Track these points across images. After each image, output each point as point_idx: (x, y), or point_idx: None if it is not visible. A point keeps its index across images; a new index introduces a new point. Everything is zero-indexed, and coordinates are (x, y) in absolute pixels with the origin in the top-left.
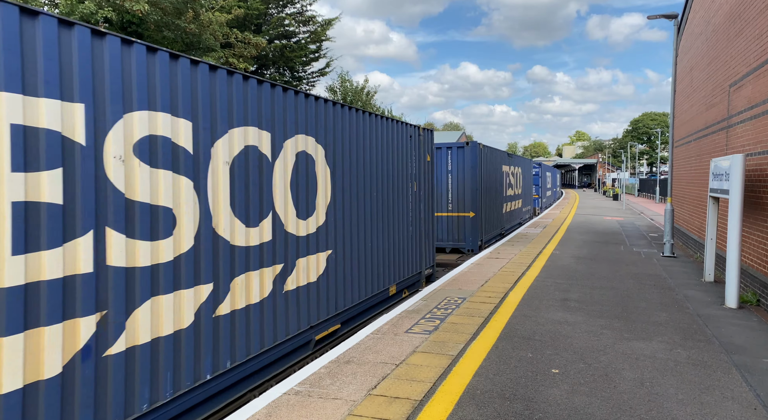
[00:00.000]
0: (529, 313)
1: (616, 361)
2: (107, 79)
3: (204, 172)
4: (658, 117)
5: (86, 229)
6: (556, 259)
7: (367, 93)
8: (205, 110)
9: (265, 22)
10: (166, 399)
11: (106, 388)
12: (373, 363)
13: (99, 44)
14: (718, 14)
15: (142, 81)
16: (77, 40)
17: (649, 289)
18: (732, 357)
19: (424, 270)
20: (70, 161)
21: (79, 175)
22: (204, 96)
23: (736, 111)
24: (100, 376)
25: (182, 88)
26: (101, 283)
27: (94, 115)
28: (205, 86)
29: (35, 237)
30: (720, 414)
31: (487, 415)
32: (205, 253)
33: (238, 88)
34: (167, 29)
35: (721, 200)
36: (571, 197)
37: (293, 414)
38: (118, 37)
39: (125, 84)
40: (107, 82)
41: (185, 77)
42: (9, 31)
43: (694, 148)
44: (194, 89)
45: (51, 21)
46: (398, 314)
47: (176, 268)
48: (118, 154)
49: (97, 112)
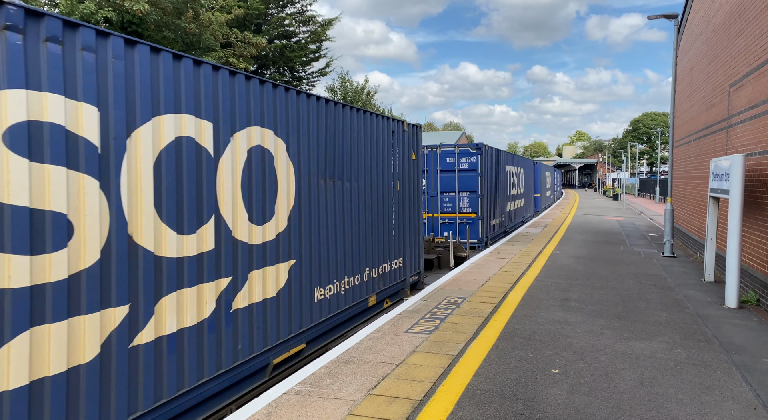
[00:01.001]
0: (529, 313)
1: (616, 361)
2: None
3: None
4: (658, 117)
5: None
6: (556, 259)
7: (367, 93)
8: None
9: (265, 22)
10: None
11: None
12: (373, 363)
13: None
14: (719, 14)
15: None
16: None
17: (649, 289)
18: (732, 357)
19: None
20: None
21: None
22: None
23: (736, 111)
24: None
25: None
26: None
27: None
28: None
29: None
30: (720, 414)
31: (487, 415)
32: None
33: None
34: (167, 29)
35: (721, 200)
36: (571, 197)
37: (293, 414)
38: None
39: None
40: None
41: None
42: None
43: (694, 148)
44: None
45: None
46: (398, 314)
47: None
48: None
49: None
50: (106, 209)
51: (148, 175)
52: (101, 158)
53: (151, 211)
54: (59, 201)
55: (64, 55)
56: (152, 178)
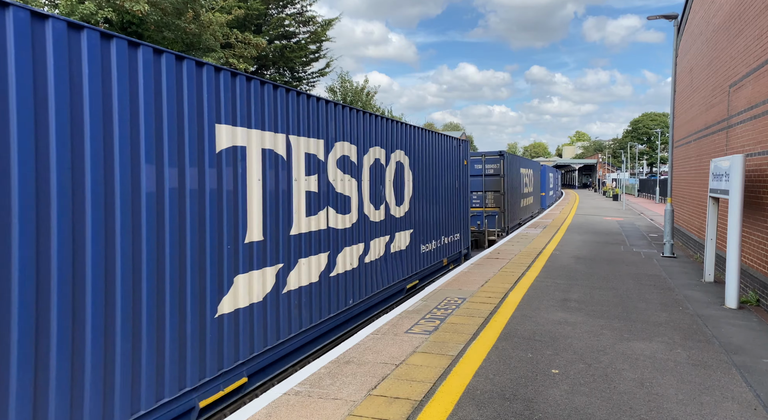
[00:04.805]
0: (529, 314)
1: (616, 362)
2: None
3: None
4: (658, 117)
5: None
6: (556, 259)
7: (367, 93)
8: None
9: (265, 22)
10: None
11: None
12: (373, 363)
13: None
14: (718, 15)
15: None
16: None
17: (649, 289)
18: (732, 357)
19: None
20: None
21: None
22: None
23: (736, 111)
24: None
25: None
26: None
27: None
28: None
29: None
30: (720, 414)
31: (487, 415)
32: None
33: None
34: (167, 30)
35: (721, 200)
36: (571, 197)
37: (293, 414)
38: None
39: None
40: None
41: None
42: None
43: (694, 148)
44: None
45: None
46: (398, 314)
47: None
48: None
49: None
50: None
51: (367, 176)
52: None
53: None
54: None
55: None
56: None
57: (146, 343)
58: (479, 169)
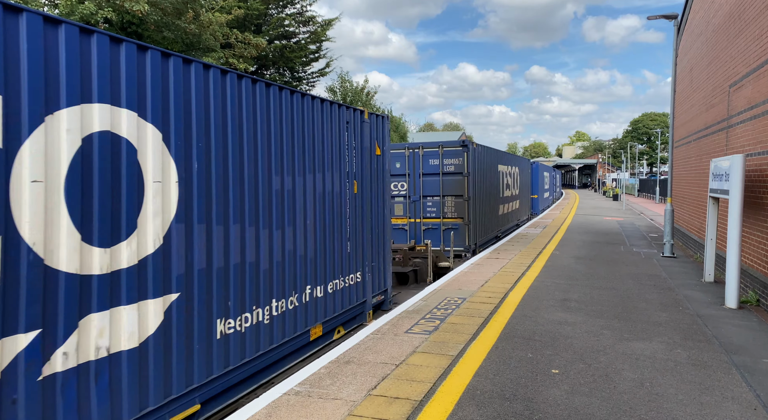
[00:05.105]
0: (529, 314)
1: (616, 362)
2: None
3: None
4: (658, 117)
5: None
6: (556, 259)
7: (367, 93)
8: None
9: (265, 22)
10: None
11: None
12: (373, 363)
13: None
14: (718, 14)
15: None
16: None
17: (649, 289)
18: (732, 357)
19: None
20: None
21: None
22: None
23: (736, 111)
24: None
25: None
26: None
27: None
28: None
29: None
30: (720, 414)
31: (487, 415)
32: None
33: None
34: (167, 30)
35: (721, 200)
36: (571, 197)
37: (293, 414)
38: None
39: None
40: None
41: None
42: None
43: (694, 148)
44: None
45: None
46: (398, 314)
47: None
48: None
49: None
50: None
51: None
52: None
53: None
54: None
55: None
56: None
57: None
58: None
